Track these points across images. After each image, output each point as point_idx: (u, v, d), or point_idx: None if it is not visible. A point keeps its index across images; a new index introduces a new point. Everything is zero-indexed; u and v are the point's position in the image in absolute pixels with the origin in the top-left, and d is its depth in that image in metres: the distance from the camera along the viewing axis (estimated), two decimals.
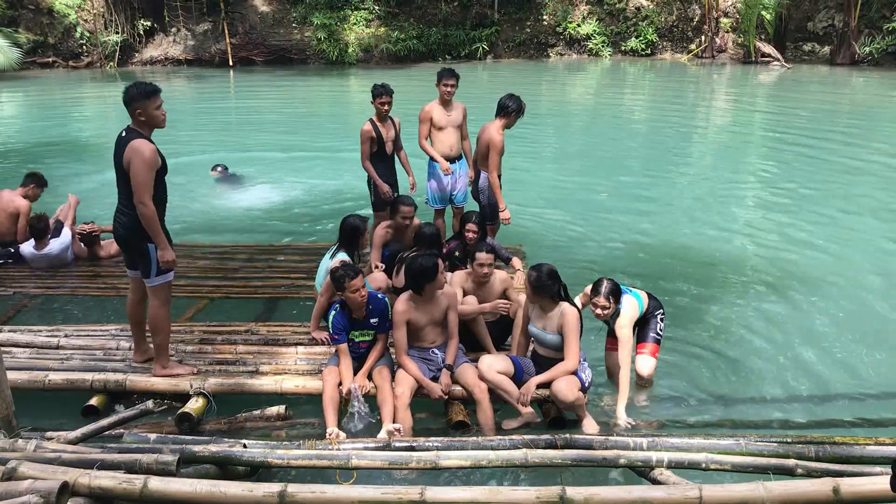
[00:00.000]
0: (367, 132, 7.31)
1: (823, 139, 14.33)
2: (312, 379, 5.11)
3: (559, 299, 4.93)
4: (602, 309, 5.06)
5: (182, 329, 5.98)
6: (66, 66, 28.42)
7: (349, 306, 5.05)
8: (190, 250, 8.05)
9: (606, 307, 5.05)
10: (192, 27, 29.86)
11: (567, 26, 29.50)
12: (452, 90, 7.25)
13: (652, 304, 5.42)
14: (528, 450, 3.86)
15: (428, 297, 5.07)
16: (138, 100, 4.62)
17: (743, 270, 7.76)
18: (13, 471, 3.20)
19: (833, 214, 9.68)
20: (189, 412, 4.74)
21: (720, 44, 28.49)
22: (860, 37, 25.74)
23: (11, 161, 12.94)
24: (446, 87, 7.22)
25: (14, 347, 5.56)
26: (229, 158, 12.33)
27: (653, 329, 5.38)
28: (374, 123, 7.32)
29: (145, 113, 4.64)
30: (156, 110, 4.67)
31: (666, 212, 9.85)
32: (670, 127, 16.48)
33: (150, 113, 4.65)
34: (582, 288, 5.48)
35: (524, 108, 7.01)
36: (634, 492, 3.32)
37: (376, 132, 7.31)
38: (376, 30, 29.74)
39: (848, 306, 6.84)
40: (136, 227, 4.74)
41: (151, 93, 4.65)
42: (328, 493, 3.27)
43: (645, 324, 5.39)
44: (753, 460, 3.82)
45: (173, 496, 3.25)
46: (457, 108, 7.38)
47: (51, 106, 20.45)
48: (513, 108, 6.91)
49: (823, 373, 5.69)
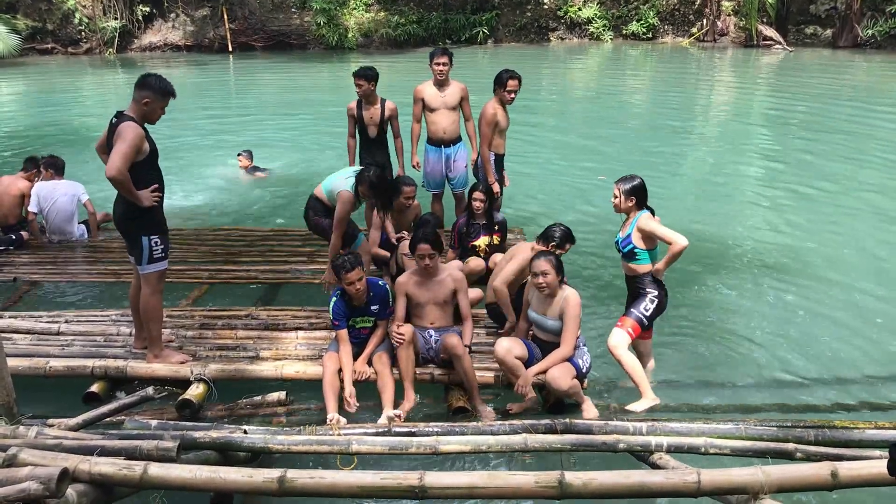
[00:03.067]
0: (350, 109, 7.47)
1: (826, 123, 14.28)
2: (312, 364, 5.12)
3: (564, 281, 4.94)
4: (543, 276, 4.81)
5: (182, 314, 5.99)
6: (65, 53, 28.34)
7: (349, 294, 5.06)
8: (190, 235, 8.06)
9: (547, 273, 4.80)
10: (191, 13, 29.69)
11: (568, 10, 29.29)
12: (445, 69, 7.18)
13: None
14: (528, 434, 3.87)
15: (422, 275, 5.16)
16: (155, 91, 4.69)
17: (743, 255, 7.75)
18: (14, 457, 3.21)
19: (835, 198, 9.65)
20: (190, 398, 4.75)
21: (722, 27, 28.31)
22: (863, 19, 25.58)
23: (12, 148, 12.93)
24: (438, 66, 7.17)
25: (15, 334, 5.58)
26: (229, 142, 12.28)
27: (638, 307, 5.08)
28: (360, 104, 7.33)
29: (151, 105, 4.69)
30: (160, 108, 4.77)
31: (666, 196, 9.81)
32: (671, 111, 16.41)
33: (154, 108, 4.73)
34: (582, 276, 5.47)
35: (516, 76, 6.95)
36: (633, 476, 3.32)
37: (358, 112, 7.39)
38: (376, 14, 29.57)
39: (848, 291, 6.83)
40: (131, 215, 4.77)
41: (168, 94, 4.76)
42: (327, 479, 3.28)
43: (636, 296, 5.13)
44: (753, 444, 3.83)
45: (173, 482, 3.26)
46: (453, 88, 7.31)
47: (50, 92, 20.39)
48: (504, 78, 6.91)
49: (823, 357, 5.69)
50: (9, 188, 7.86)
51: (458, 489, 3.26)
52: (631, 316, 5.07)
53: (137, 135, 4.59)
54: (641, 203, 5.03)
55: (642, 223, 4.95)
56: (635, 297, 5.13)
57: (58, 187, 7.81)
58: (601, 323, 6.07)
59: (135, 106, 4.69)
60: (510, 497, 3.30)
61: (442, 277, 5.22)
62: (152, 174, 4.80)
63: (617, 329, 5.07)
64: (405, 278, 5.27)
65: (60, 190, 7.80)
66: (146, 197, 4.71)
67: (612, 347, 5.03)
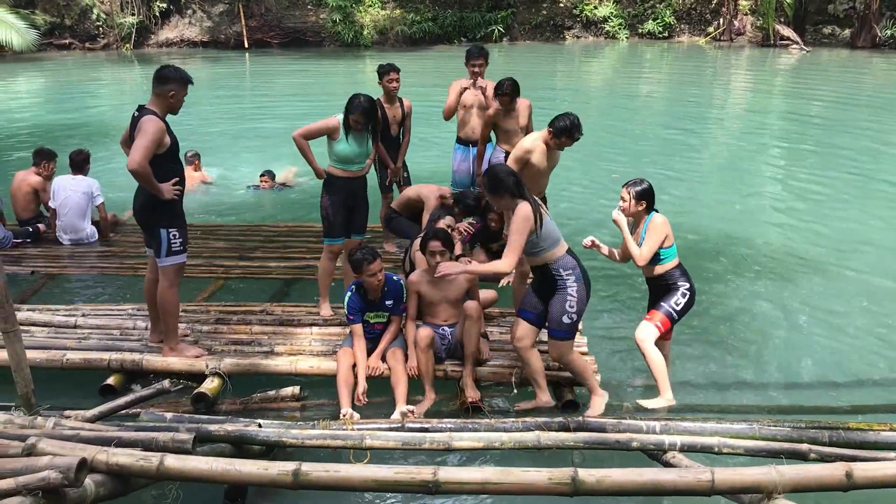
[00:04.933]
0: None
1: (843, 124, 14.19)
2: (327, 360, 5.14)
3: (518, 196, 4.55)
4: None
5: (198, 309, 6.03)
6: (83, 48, 28.49)
7: (365, 287, 5.08)
8: (206, 231, 8.12)
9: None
10: (208, 9, 29.83)
11: (584, 8, 29.24)
12: (481, 70, 7.18)
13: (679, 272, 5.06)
14: (541, 432, 3.87)
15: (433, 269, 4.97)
16: (178, 82, 4.77)
17: (757, 255, 7.71)
18: (33, 447, 3.25)
19: (851, 200, 9.59)
20: (205, 392, 4.79)
21: (738, 26, 28.19)
22: (881, 19, 25.39)
23: (30, 143, 13.01)
24: (474, 68, 7.16)
25: (33, 326, 5.63)
26: (244, 139, 12.31)
27: (668, 301, 4.99)
28: (381, 104, 7.24)
29: (177, 95, 4.77)
30: (183, 97, 4.85)
31: (681, 195, 9.79)
32: (687, 110, 16.35)
33: (180, 98, 4.81)
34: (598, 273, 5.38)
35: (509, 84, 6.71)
36: (646, 474, 3.31)
37: (382, 112, 7.21)
38: (391, 12, 29.61)
39: (864, 292, 6.79)
40: (150, 207, 4.83)
41: (188, 81, 4.84)
42: (341, 472, 3.29)
43: (666, 291, 5.03)
44: (766, 445, 3.81)
45: (189, 474, 3.29)
46: (488, 87, 7.19)
47: (67, 88, 20.53)
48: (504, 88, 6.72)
49: (838, 358, 5.66)
50: (21, 184, 7.93)
51: (471, 484, 3.26)
52: (661, 310, 4.97)
53: (158, 128, 4.63)
54: (650, 206, 5.00)
55: (652, 225, 4.93)
56: (666, 292, 5.01)
57: (72, 182, 7.85)
58: (619, 319, 6.08)
59: (157, 100, 4.74)
60: (523, 493, 3.30)
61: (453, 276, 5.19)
62: (173, 167, 4.86)
63: (646, 322, 4.99)
64: (417, 276, 5.25)
65: (74, 186, 7.82)
66: (167, 190, 4.76)
67: (639, 340, 4.95)
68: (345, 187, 5.76)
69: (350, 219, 5.88)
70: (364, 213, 5.99)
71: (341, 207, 5.79)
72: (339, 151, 5.65)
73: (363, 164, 5.80)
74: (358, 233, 5.99)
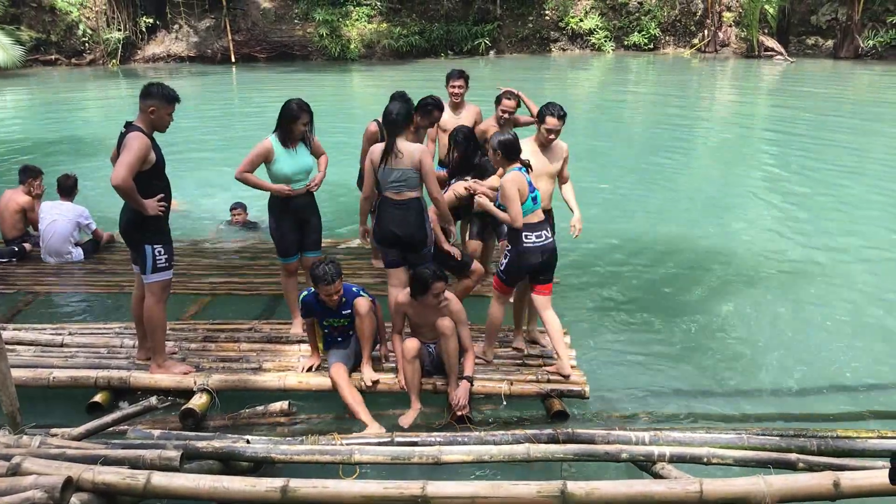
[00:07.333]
0: (373, 132, 6.54)
1: (827, 133, 14.31)
2: (316, 375, 5.13)
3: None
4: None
5: (185, 326, 6.00)
6: (69, 64, 28.46)
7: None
8: (193, 247, 8.09)
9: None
10: (195, 24, 29.86)
11: (569, 21, 29.46)
12: (460, 91, 7.02)
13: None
14: (531, 444, 3.88)
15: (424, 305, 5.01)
16: (158, 99, 4.73)
17: (745, 264, 7.75)
18: (17, 466, 3.23)
19: (836, 208, 9.68)
20: (193, 408, 4.76)
21: (723, 38, 28.45)
22: (864, 30, 25.68)
23: (15, 160, 12.95)
24: (454, 89, 7.02)
25: (18, 345, 5.59)
26: (232, 155, 12.24)
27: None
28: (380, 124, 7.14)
29: (157, 112, 4.73)
30: (167, 115, 4.81)
31: (667, 205, 9.85)
32: (673, 121, 16.45)
33: (161, 115, 4.76)
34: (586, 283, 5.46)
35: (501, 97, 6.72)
36: (635, 486, 3.33)
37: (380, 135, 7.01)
38: (378, 25, 29.72)
39: (850, 299, 6.83)
40: (135, 223, 4.82)
41: (172, 99, 4.79)
42: (330, 488, 3.29)
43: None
44: (755, 454, 3.83)
45: (176, 492, 3.28)
46: (468, 111, 7.08)
47: (54, 104, 20.46)
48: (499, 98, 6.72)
49: (826, 366, 5.68)
50: (9, 202, 7.87)
51: (460, 499, 3.27)
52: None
53: (143, 145, 4.62)
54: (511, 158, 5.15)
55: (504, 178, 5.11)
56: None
57: (60, 209, 7.75)
58: (611, 327, 6.09)
59: (142, 116, 4.74)
60: None
61: (441, 307, 5.02)
62: (159, 184, 4.84)
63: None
64: (404, 299, 5.14)
65: (62, 211, 7.72)
66: (151, 206, 4.75)
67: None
68: (289, 208, 5.62)
69: (301, 237, 5.75)
70: (316, 231, 5.81)
71: (290, 228, 5.67)
72: (276, 172, 5.51)
73: (305, 181, 5.61)
74: (312, 250, 5.81)
